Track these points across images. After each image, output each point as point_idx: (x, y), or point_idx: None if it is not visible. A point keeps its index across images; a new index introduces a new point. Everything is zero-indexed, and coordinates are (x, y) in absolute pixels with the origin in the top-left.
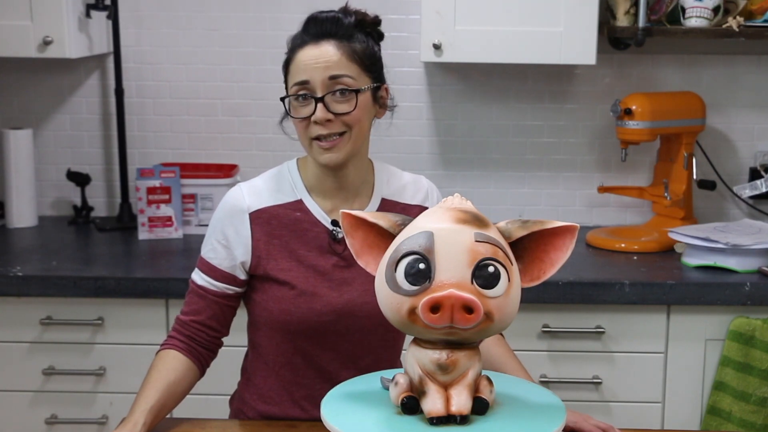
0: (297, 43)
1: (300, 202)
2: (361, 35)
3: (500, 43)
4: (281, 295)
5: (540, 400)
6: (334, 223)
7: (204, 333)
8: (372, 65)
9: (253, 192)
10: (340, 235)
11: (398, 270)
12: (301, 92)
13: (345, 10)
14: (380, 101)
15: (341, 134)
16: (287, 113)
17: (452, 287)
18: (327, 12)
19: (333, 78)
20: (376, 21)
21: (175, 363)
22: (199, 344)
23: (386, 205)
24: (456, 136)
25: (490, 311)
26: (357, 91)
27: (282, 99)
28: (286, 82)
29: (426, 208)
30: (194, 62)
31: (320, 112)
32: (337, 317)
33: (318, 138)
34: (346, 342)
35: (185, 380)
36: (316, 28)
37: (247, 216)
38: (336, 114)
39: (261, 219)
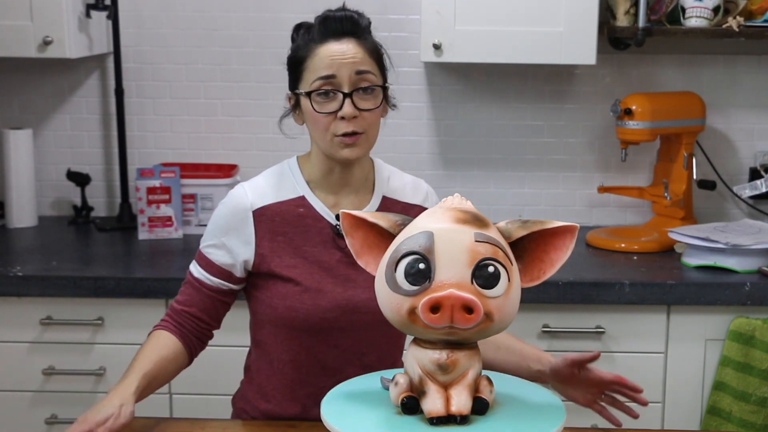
0: (314, 39)
1: (302, 198)
2: (370, 36)
3: (500, 43)
4: (286, 292)
5: (540, 400)
6: (338, 217)
7: (194, 323)
8: (383, 64)
9: (256, 190)
10: None
11: (398, 270)
12: (325, 87)
13: (355, 11)
14: (388, 100)
15: (361, 133)
16: (292, 110)
17: (452, 287)
18: (341, 11)
19: (359, 73)
20: (371, 21)
21: (168, 342)
22: (190, 332)
23: (387, 203)
24: (456, 136)
25: (490, 311)
26: (383, 88)
27: (305, 94)
28: (296, 78)
29: (425, 209)
30: (194, 62)
31: (349, 108)
32: (342, 313)
33: (343, 134)
34: (351, 338)
35: (176, 360)
36: (336, 25)
37: (251, 214)
38: (361, 110)
39: (264, 216)
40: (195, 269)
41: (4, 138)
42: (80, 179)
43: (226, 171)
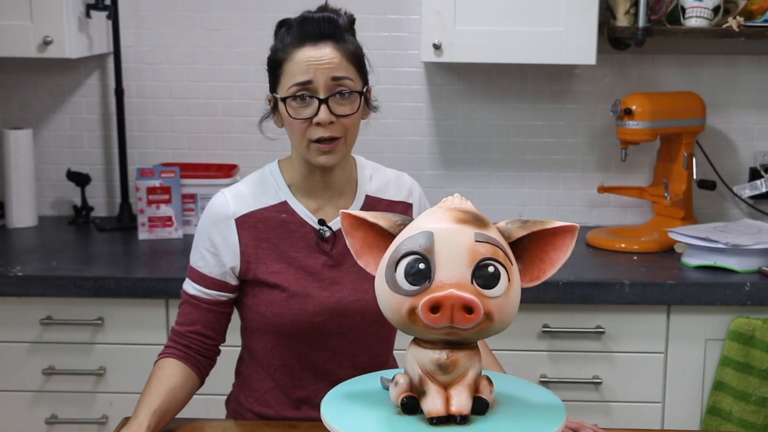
0: (292, 43)
1: (285, 203)
2: (350, 36)
3: (500, 43)
4: (273, 299)
5: (540, 400)
6: (321, 222)
7: (200, 342)
8: (363, 67)
9: (237, 197)
10: (327, 234)
11: (398, 270)
12: (301, 93)
13: (334, 11)
14: (369, 103)
15: (338, 138)
16: (272, 112)
17: (452, 287)
18: (319, 12)
19: (335, 79)
20: (354, 19)
21: (174, 369)
22: (197, 352)
23: (370, 202)
24: (456, 136)
25: (490, 311)
26: (360, 93)
27: (281, 99)
28: (275, 81)
29: (410, 205)
30: (194, 62)
31: (324, 114)
32: (330, 316)
33: (318, 140)
34: (341, 340)
35: (186, 387)
36: (313, 28)
37: (233, 222)
38: (338, 116)
39: (247, 223)
40: (189, 287)
41: (4, 138)
42: (80, 179)
43: (226, 171)
